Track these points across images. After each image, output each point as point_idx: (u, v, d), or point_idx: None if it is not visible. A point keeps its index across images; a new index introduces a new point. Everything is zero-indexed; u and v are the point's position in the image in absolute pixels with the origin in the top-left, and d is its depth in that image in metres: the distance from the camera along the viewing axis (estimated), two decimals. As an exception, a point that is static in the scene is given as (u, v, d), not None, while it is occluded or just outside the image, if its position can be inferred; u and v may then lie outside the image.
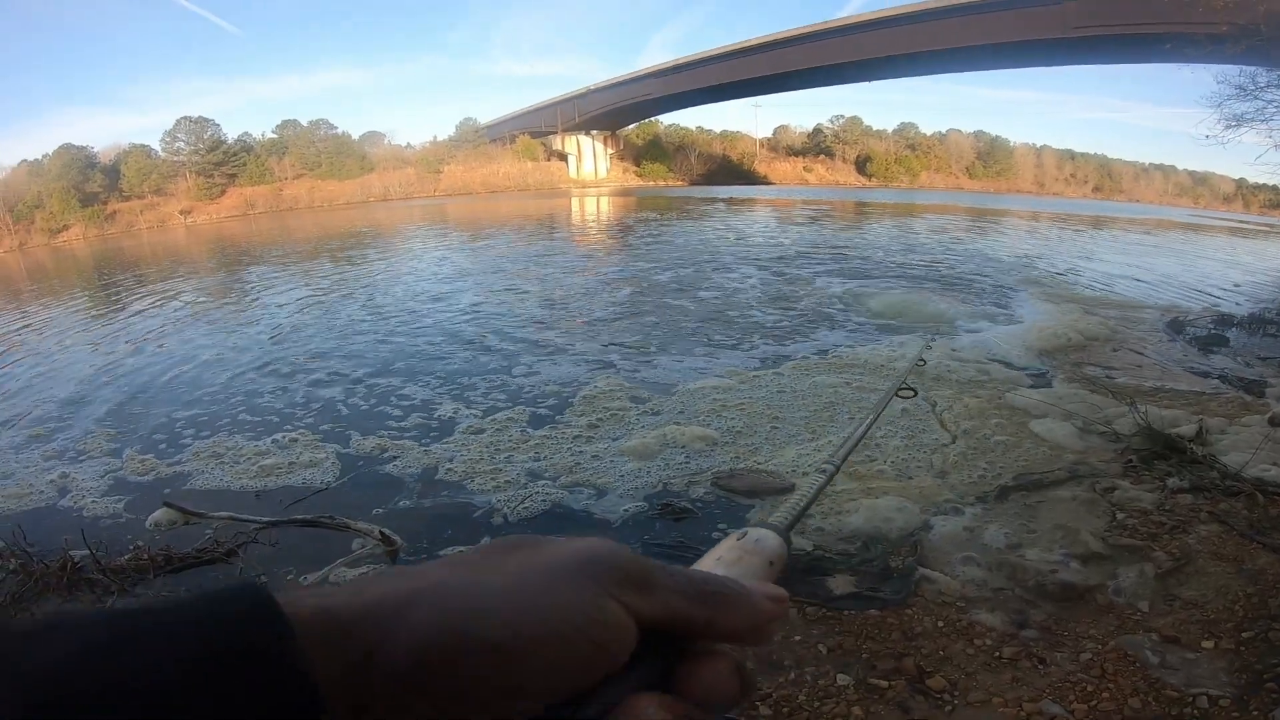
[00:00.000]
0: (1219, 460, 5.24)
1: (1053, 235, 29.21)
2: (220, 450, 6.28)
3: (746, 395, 7.17)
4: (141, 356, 10.12)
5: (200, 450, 6.30)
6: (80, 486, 5.69)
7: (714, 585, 0.47)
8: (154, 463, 6.11)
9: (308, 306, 13.29)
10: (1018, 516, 4.62)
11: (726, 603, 0.46)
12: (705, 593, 0.45)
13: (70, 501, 5.45)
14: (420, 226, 33.85)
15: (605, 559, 0.42)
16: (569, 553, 0.42)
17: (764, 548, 0.58)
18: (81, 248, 43.89)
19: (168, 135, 66.70)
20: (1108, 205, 71.05)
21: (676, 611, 0.43)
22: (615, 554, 0.43)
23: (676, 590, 0.43)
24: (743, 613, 0.46)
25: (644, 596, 0.42)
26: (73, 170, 60.09)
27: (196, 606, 0.32)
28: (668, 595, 0.43)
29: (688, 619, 0.43)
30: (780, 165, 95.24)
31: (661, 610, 0.42)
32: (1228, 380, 7.68)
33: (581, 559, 0.41)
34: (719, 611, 0.45)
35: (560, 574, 0.40)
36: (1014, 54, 56.36)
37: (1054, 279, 15.45)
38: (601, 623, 0.39)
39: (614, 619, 0.40)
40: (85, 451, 6.44)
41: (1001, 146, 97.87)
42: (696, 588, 0.45)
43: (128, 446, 6.53)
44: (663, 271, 15.82)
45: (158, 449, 6.45)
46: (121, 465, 6.08)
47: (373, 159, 76.61)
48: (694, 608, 0.44)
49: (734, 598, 0.46)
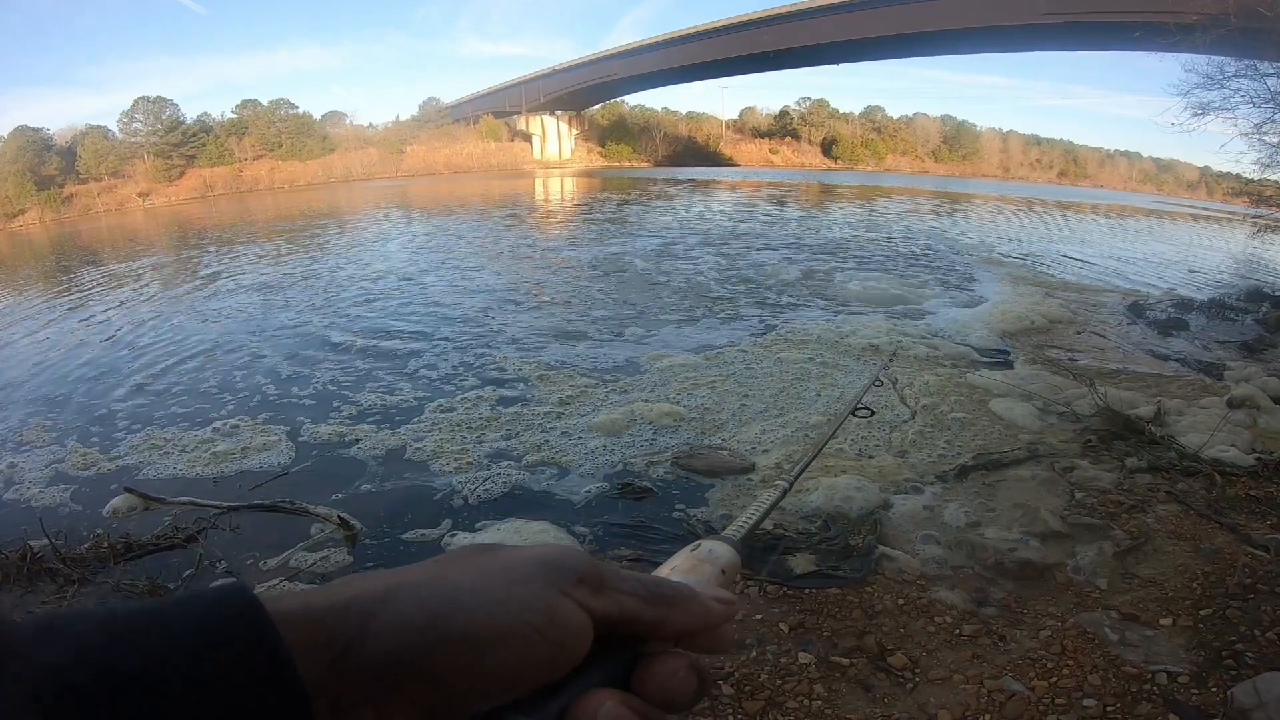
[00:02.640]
0: (1177, 441, 5.28)
1: (1016, 219, 29.48)
2: (173, 438, 6.16)
3: (714, 372, 7.17)
4: (95, 345, 9.83)
5: (165, 437, 6.18)
6: (28, 477, 5.52)
7: (665, 588, 0.48)
8: (112, 450, 5.98)
9: (264, 290, 13.06)
10: (977, 495, 4.63)
11: (676, 603, 0.47)
12: (656, 594, 0.47)
13: (18, 493, 5.29)
14: (383, 210, 33.45)
15: (561, 560, 0.44)
16: (528, 556, 0.44)
17: (716, 558, 0.60)
18: (38, 232, 42.95)
19: (125, 116, 65.33)
20: (1072, 191, 71.84)
21: (628, 610, 0.45)
22: (571, 556, 0.45)
23: (628, 591, 0.45)
24: (692, 613, 0.48)
25: (597, 595, 0.44)
26: (28, 153, 58.66)
27: (186, 608, 0.33)
28: (619, 595, 0.45)
29: (639, 617, 0.45)
30: (746, 147, 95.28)
31: (614, 609, 0.44)
32: (1187, 363, 7.79)
33: (540, 560, 0.43)
34: (669, 611, 0.47)
35: (520, 573, 0.42)
36: (983, 39, 56.74)
37: (1017, 262, 15.59)
38: (558, 619, 0.41)
39: (570, 615, 0.41)
40: (29, 442, 6.25)
41: (968, 131, 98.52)
42: (647, 589, 0.47)
43: (83, 436, 6.36)
44: (630, 253, 15.69)
45: (111, 436, 6.31)
46: (71, 455, 5.90)
47: (334, 139, 75.59)
48: (645, 607, 0.45)
49: (683, 600, 0.48)
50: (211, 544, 4.38)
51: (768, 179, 56.84)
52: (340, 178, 70.09)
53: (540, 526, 4.43)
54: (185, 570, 4.07)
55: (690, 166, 78.36)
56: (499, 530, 4.39)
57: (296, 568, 4.10)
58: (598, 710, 0.40)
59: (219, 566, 4.14)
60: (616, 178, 57.10)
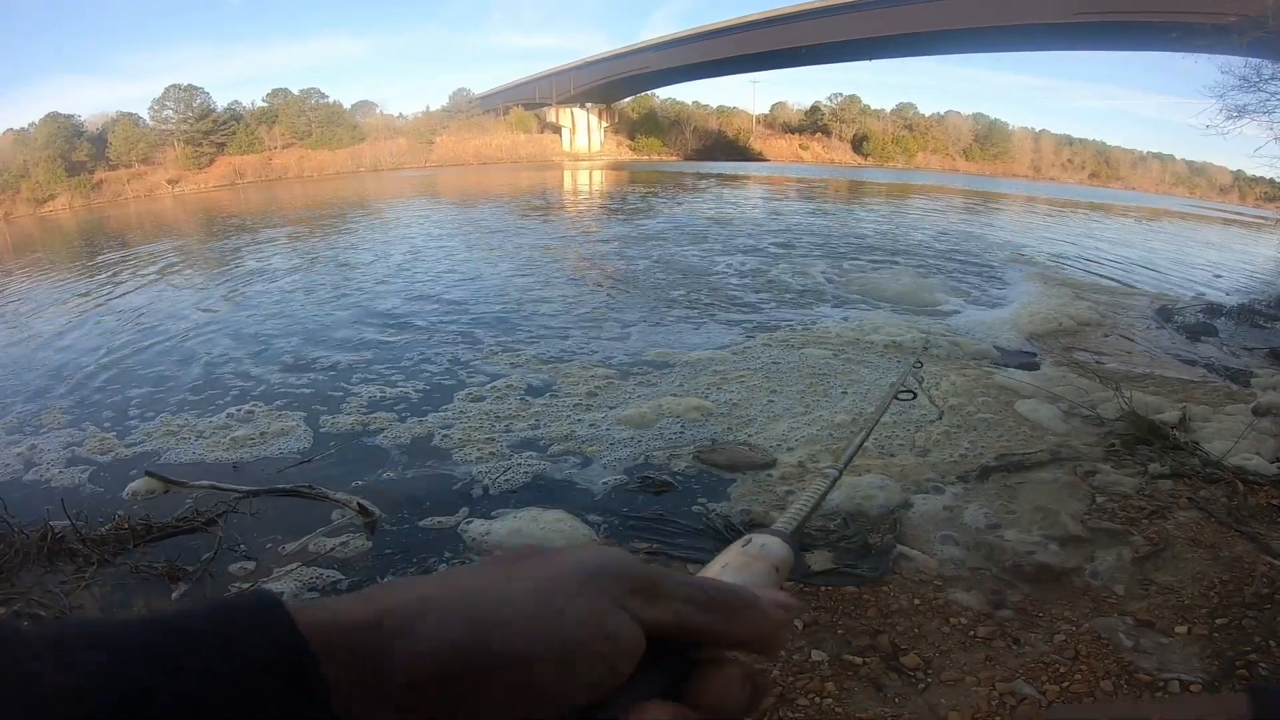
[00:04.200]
0: (1201, 447, 5.24)
1: (1047, 220, 29.21)
2: (187, 424, 6.26)
3: (741, 367, 7.19)
4: (114, 330, 10.06)
5: (179, 422, 6.29)
6: (47, 459, 5.61)
7: (723, 593, 0.46)
8: (128, 436, 6.07)
9: (289, 275, 13.22)
10: (998, 497, 4.62)
11: (736, 611, 0.45)
12: (715, 601, 0.44)
13: (38, 474, 5.37)
14: (411, 200, 33.61)
15: (612, 568, 0.42)
16: (576, 563, 0.42)
17: (770, 554, 0.57)
18: (68, 217, 43.53)
19: (156, 103, 66.07)
20: (1103, 192, 71.02)
21: (686, 620, 0.42)
22: (622, 562, 0.42)
23: (685, 599, 0.43)
24: (753, 621, 0.45)
25: (652, 605, 0.41)
26: (59, 139, 59.42)
27: (216, 620, 0.32)
28: (677, 604, 0.42)
29: (697, 627, 0.43)
30: (776, 142, 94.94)
31: (671, 619, 0.42)
32: (1214, 369, 7.70)
33: (590, 569, 0.41)
34: (729, 620, 0.44)
35: (569, 585, 0.40)
36: (1017, 37, 56.36)
37: (1046, 262, 15.46)
38: (611, 634, 0.39)
39: (623, 629, 0.39)
40: (47, 425, 6.33)
41: (1000, 129, 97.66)
42: (706, 595, 0.44)
43: (98, 419, 6.48)
44: (661, 245, 15.71)
45: (134, 420, 6.41)
46: (89, 439, 5.99)
47: (364, 129, 76.04)
48: (703, 616, 0.43)
49: (743, 606, 0.46)
50: (231, 528, 4.43)
51: (797, 175, 56.51)
52: (369, 167, 70.52)
53: (556, 515, 4.45)
54: (204, 554, 4.12)
55: (719, 161, 78.25)
56: (516, 519, 4.42)
57: (315, 553, 4.15)
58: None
59: (239, 550, 4.20)
60: (646, 170, 57.02)
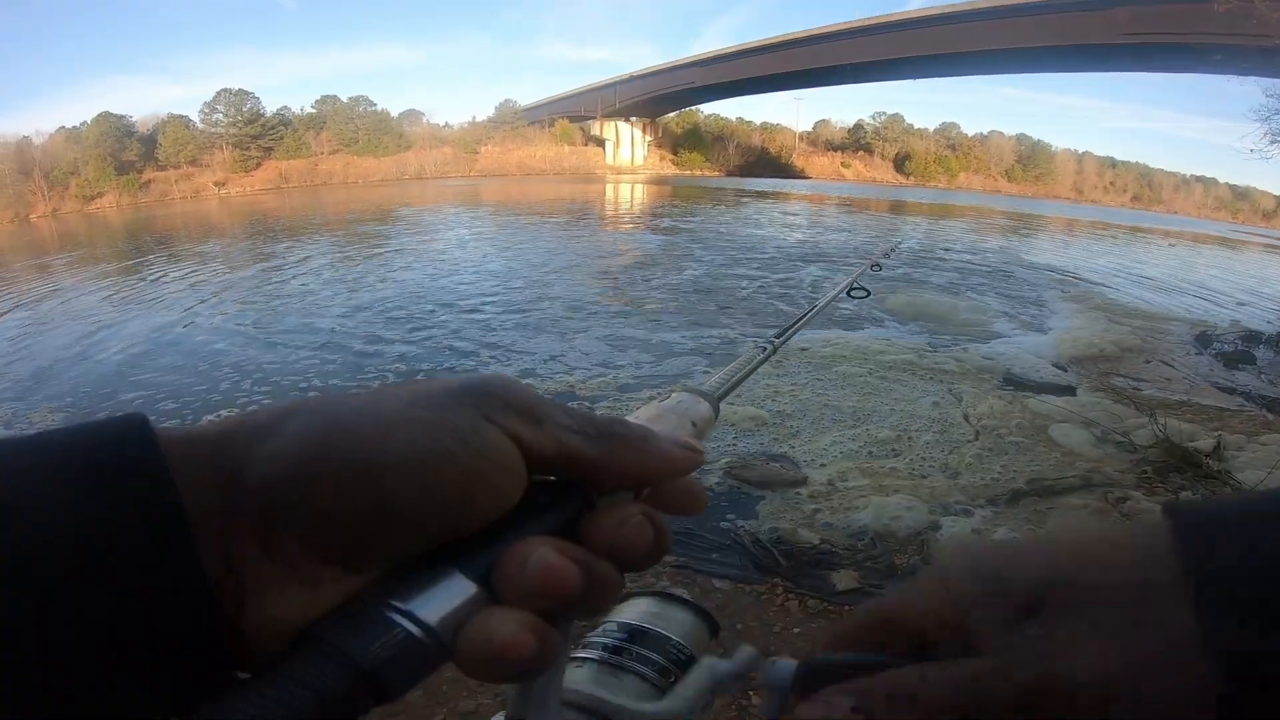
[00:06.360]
0: (1234, 476, 5.21)
1: (1089, 244, 28.91)
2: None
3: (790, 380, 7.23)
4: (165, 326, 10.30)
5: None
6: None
7: (613, 424, 0.42)
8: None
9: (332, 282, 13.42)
10: (1027, 521, 4.62)
11: (627, 442, 0.41)
12: (604, 431, 0.41)
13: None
14: (456, 208, 33.93)
15: (489, 385, 0.39)
16: (451, 381, 0.39)
17: (685, 408, 0.55)
18: (114, 215, 44.40)
19: (206, 106, 67.51)
20: (1144, 215, 70.14)
21: (571, 447, 0.39)
22: (502, 382, 0.40)
23: (571, 427, 0.40)
24: (648, 454, 0.42)
25: (531, 427, 0.38)
26: (110, 138, 60.77)
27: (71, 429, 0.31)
28: (560, 430, 0.39)
29: (585, 456, 0.39)
30: (818, 160, 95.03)
31: (553, 445, 0.38)
32: (1250, 398, 7.62)
33: (464, 385, 0.38)
34: (621, 451, 0.41)
35: (436, 397, 0.37)
36: (1062, 58, 55.95)
37: (1088, 286, 15.31)
38: (478, 447, 0.35)
39: (494, 445, 0.36)
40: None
41: (1043, 151, 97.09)
42: (594, 425, 0.41)
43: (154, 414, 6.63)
44: (712, 260, 15.79)
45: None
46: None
47: (410, 137, 76.96)
48: (591, 445, 0.40)
49: (636, 439, 0.42)
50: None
51: (837, 193, 56.35)
52: (413, 175, 71.31)
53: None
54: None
55: (761, 177, 78.25)
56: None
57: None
58: (529, 556, 0.35)
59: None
60: (688, 186, 57.14)
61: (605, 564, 0.38)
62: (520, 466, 0.37)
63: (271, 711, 0.27)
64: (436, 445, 0.34)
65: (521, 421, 0.38)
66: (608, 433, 0.41)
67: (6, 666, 0.26)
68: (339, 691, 0.29)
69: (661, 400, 0.55)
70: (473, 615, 0.33)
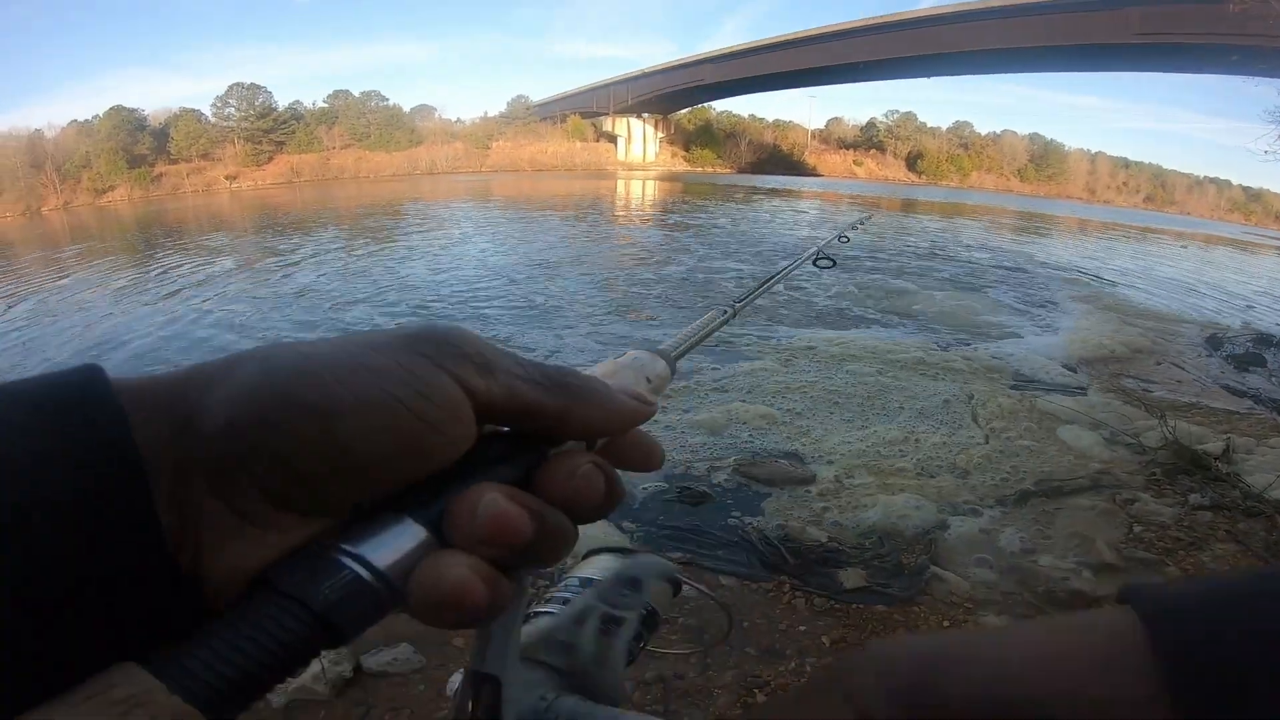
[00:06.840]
0: (1243, 480, 5.20)
1: (1102, 244, 28.79)
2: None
3: (801, 379, 7.25)
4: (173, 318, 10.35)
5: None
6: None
7: (565, 374, 0.42)
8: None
9: (341, 277, 13.46)
10: (1035, 522, 4.62)
11: (579, 392, 0.41)
12: (555, 381, 0.41)
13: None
14: (469, 203, 33.96)
15: (441, 333, 0.39)
16: (405, 329, 0.39)
17: (641, 364, 0.55)
18: (126, 209, 44.52)
19: (219, 100, 67.75)
20: (1157, 216, 69.68)
21: (521, 396, 0.39)
22: (451, 330, 0.39)
23: (523, 376, 0.40)
24: (599, 405, 0.42)
25: (484, 375, 0.38)
26: (122, 132, 60.99)
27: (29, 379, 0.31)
28: (512, 379, 0.39)
29: (536, 405, 0.39)
30: (830, 157, 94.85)
31: (503, 393, 0.38)
32: (1261, 401, 7.59)
33: (414, 333, 0.38)
34: (572, 400, 0.41)
35: (388, 345, 0.37)
36: (1074, 57, 55.71)
37: (1099, 286, 15.25)
38: (427, 393, 0.35)
39: (444, 392, 0.36)
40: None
41: (1055, 150, 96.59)
42: (545, 374, 0.41)
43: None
44: (722, 258, 15.80)
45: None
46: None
47: (421, 132, 77.05)
48: (542, 394, 0.40)
49: (588, 389, 0.42)
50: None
51: (849, 191, 56.20)
52: (425, 170, 71.35)
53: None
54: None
55: (773, 174, 78.00)
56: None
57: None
58: (479, 501, 0.35)
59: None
60: (700, 182, 57.07)
61: (557, 513, 0.38)
62: (469, 414, 0.37)
63: (225, 654, 0.27)
64: (388, 391, 0.34)
65: (474, 370, 0.38)
66: (560, 383, 0.41)
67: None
68: (291, 634, 0.29)
69: (618, 357, 0.55)
70: (423, 560, 0.33)
